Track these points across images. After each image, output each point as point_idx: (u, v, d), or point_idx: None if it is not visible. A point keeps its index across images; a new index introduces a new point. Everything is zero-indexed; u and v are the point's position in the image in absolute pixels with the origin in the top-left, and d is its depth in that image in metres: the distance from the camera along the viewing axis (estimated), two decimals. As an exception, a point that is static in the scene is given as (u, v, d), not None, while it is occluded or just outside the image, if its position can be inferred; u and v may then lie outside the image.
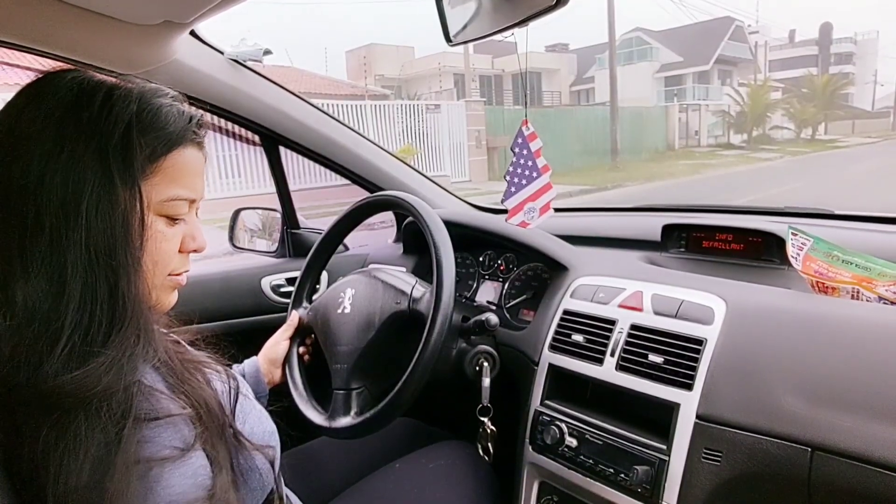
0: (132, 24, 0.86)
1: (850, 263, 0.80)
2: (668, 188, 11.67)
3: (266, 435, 0.64)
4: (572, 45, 31.74)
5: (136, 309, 0.50)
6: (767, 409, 0.67)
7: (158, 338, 0.53)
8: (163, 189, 0.54)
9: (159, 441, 0.48)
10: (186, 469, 0.49)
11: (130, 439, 0.46)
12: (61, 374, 0.45)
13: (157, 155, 0.53)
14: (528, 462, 0.93)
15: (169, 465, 0.48)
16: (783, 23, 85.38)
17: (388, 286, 0.92)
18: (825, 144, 22.78)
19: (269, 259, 1.42)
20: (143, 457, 0.46)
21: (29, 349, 0.46)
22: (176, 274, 0.59)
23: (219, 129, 1.34)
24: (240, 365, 0.92)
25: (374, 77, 19.24)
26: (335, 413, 0.87)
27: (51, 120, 0.50)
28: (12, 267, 0.47)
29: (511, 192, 0.97)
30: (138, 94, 0.54)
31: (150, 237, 0.53)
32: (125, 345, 0.48)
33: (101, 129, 0.50)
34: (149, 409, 0.48)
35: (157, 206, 0.54)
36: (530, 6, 0.68)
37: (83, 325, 0.47)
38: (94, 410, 0.45)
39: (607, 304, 0.90)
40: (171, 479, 0.48)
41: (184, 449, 0.49)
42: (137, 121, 0.52)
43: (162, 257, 0.56)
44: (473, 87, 17.81)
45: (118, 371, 0.47)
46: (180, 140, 0.55)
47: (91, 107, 0.51)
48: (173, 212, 0.56)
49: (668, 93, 25.89)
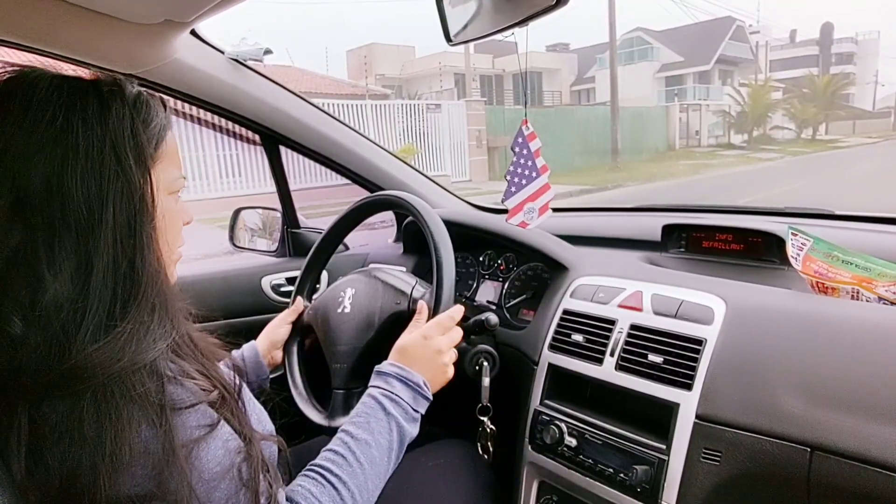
0: (133, 23, 0.87)
1: (850, 264, 0.80)
2: (669, 188, 11.67)
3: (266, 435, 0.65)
4: (573, 44, 31.81)
5: (150, 284, 0.54)
6: (767, 410, 0.67)
7: (176, 313, 0.57)
8: (168, 170, 0.60)
9: (189, 424, 0.52)
10: (217, 441, 0.54)
11: (173, 429, 0.50)
12: (89, 347, 0.49)
13: (158, 141, 0.58)
14: (527, 461, 0.93)
15: (203, 443, 0.53)
16: (784, 23, 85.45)
17: (388, 286, 0.92)
18: (826, 145, 22.78)
19: (270, 258, 1.42)
20: (183, 441, 0.51)
21: (58, 334, 0.49)
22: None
23: (219, 128, 1.34)
24: (238, 351, 0.93)
25: (374, 76, 19.25)
26: (335, 412, 0.87)
27: (53, 126, 0.51)
28: (40, 269, 0.50)
29: (511, 192, 0.97)
30: (123, 88, 0.57)
31: (164, 215, 0.58)
32: (141, 317, 0.52)
33: (110, 127, 0.53)
34: (181, 398, 0.52)
35: (166, 186, 0.60)
36: (530, 6, 0.68)
37: (105, 303, 0.51)
38: (126, 390, 0.49)
39: (607, 304, 0.90)
40: (207, 454, 0.53)
41: (211, 425, 0.54)
42: (137, 113, 0.56)
43: (175, 232, 0.63)
44: (474, 86, 17.82)
45: (138, 343, 0.51)
46: (169, 124, 0.61)
47: (90, 107, 0.53)
48: (177, 188, 0.62)
49: (668, 93, 25.88)
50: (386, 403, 0.70)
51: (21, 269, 0.50)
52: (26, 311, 0.49)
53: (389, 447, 0.68)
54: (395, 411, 0.70)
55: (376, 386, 0.73)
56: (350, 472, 0.63)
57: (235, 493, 0.54)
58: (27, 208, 0.50)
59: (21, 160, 0.50)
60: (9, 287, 0.49)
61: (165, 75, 1.04)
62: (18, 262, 0.50)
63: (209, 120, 1.29)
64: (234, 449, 0.55)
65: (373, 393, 0.72)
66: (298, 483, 0.62)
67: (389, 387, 0.72)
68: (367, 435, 0.67)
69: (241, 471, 0.54)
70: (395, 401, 0.71)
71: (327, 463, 0.64)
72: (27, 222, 0.50)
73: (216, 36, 1.10)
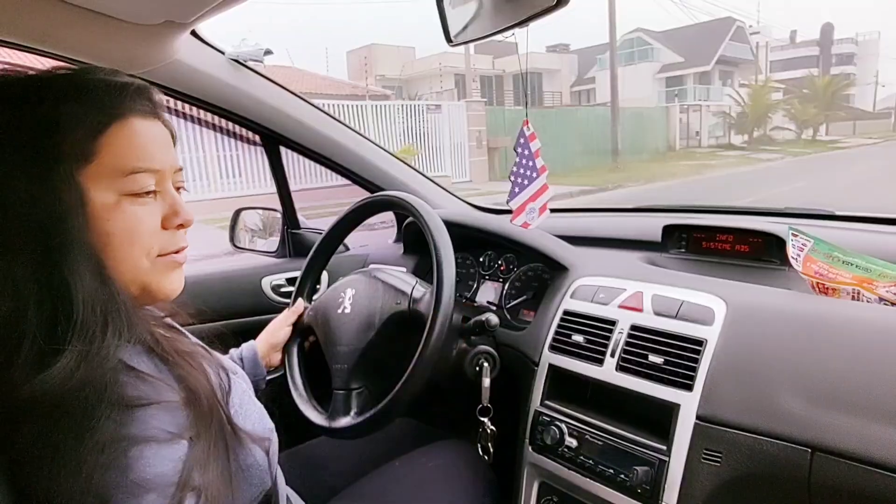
0: (133, 23, 0.87)
1: (850, 264, 0.80)
2: (669, 189, 11.66)
3: (266, 433, 0.64)
4: (573, 45, 31.75)
5: (90, 302, 0.48)
6: (768, 410, 0.67)
7: (139, 321, 0.52)
8: (114, 165, 0.51)
9: (150, 422, 0.47)
10: (172, 453, 0.48)
11: (107, 422, 0.45)
12: (31, 377, 0.44)
13: (94, 133, 0.51)
14: (528, 462, 0.93)
15: (154, 445, 0.47)
16: (784, 23, 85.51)
17: (388, 286, 0.92)
18: (826, 145, 22.76)
19: (270, 259, 1.42)
20: (125, 435, 0.45)
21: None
22: (169, 253, 0.57)
23: (219, 128, 1.34)
24: (237, 349, 0.93)
25: (374, 77, 19.25)
26: (335, 413, 0.87)
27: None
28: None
29: (515, 193, 0.97)
30: (58, 81, 0.52)
31: (111, 222, 0.51)
32: (90, 335, 0.47)
33: (21, 128, 0.48)
34: (136, 395, 0.47)
35: (114, 184, 0.51)
36: (531, 6, 0.68)
37: (44, 326, 0.46)
38: (75, 406, 0.44)
39: (607, 305, 0.90)
40: (152, 459, 0.46)
41: (175, 433, 0.48)
42: (61, 106, 0.50)
43: (139, 238, 0.53)
44: (474, 87, 17.81)
45: (90, 362, 0.46)
46: (121, 113, 0.53)
47: (7, 110, 0.49)
48: (136, 187, 0.53)
49: (668, 93, 25.86)
50: None
51: None
52: None
53: None
54: None
55: None
56: None
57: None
58: None
59: None
60: None
61: (166, 76, 1.05)
62: None
63: (209, 120, 1.29)
64: (186, 475, 0.47)
65: None
66: None
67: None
68: None
69: (179, 501, 0.47)
70: None
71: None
72: None
73: (217, 36, 1.10)
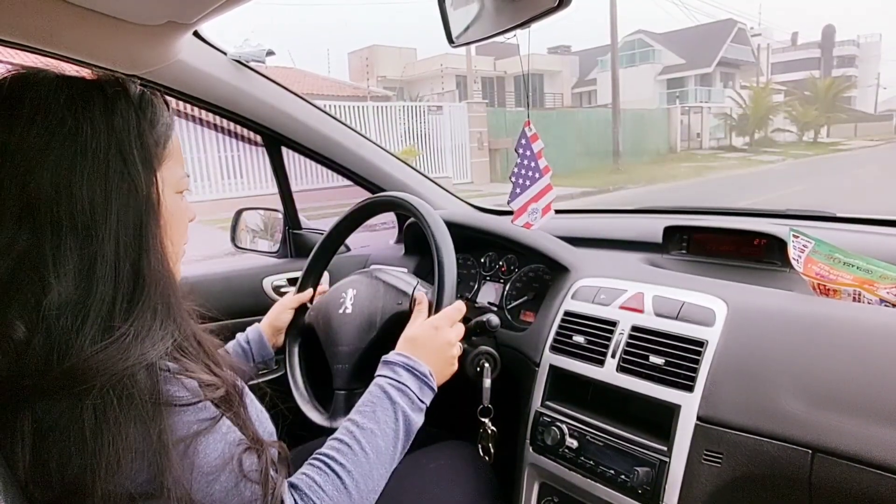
0: (136, 24, 0.87)
1: (851, 266, 0.80)
2: (670, 190, 11.66)
3: (266, 436, 0.65)
4: (574, 46, 31.79)
5: (153, 285, 0.54)
6: (768, 411, 0.67)
7: (181, 313, 0.58)
8: (173, 170, 0.61)
9: (187, 420, 0.52)
10: (216, 435, 0.54)
11: (170, 427, 0.50)
12: (89, 348, 0.49)
13: (164, 141, 0.59)
14: (528, 463, 0.93)
15: (202, 437, 0.53)
16: (786, 25, 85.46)
17: (389, 287, 0.92)
18: (827, 147, 22.73)
19: (271, 259, 1.42)
20: (180, 437, 0.51)
21: (60, 336, 0.49)
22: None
23: (221, 129, 1.35)
24: (242, 333, 0.96)
25: (376, 78, 19.27)
26: (336, 413, 0.87)
27: (63, 129, 0.51)
28: (45, 272, 0.50)
29: (516, 194, 0.97)
30: (127, 88, 0.57)
31: (170, 215, 0.59)
32: (144, 319, 0.53)
33: (116, 128, 0.54)
34: (180, 395, 0.52)
35: (173, 185, 0.61)
36: (532, 8, 0.68)
37: (108, 305, 0.51)
38: (125, 391, 0.49)
39: (608, 306, 0.90)
40: (206, 448, 0.53)
41: (212, 419, 0.54)
42: (142, 114, 0.57)
43: (181, 230, 0.63)
44: (475, 88, 17.82)
45: (140, 345, 0.51)
46: (172, 123, 0.61)
47: (96, 109, 0.53)
48: (182, 187, 0.63)
49: (669, 95, 25.85)
50: (392, 392, 0.69)
51: (27, 273, 0.50)
52: (31, 314, 0.49)
53: (395, 436, 0.67)
54: (401, 400, 0.69)
55: (383, 375, 0.72)
56: (354, 461, 0.62)
57: (235, 485, 0.54)
58: (35, 212, 0.50)
59: (31, 163, 0.50)
60: (15, 292, 0.50)
61: (168, 76, 1.05)
62: (25, 267, 0.50)
63: (211, 121, 1.29)
64: (234, 441, 0.55)
65: (379, 382, 0.71)
66: (302, 472, 0.62)
67: (396, 376, 0.71)
68: (373, 424, 0.66)
69: (240, 462, 0.55)
70: (401, 390, 0.70)
71: (331, 451, 0.63)
72: (35, 226, 0.50)
73: (219, 37, 1.10)
